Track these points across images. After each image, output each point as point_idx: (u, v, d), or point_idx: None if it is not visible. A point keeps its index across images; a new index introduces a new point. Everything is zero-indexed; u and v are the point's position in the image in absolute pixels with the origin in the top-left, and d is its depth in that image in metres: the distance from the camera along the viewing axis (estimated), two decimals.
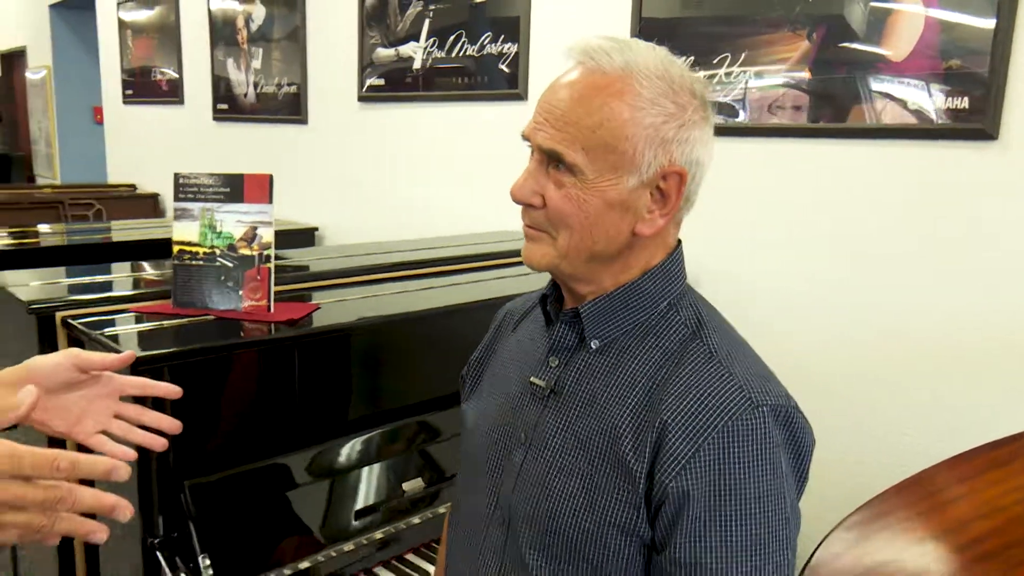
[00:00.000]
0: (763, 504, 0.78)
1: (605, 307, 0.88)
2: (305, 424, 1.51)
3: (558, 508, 0.85)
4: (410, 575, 1.47)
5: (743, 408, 0.79)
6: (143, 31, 4.85)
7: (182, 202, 1.51)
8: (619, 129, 0.81)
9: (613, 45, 0.83)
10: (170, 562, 1.28)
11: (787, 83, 1.98)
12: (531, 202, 0.86)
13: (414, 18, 2.95)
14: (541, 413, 0.90)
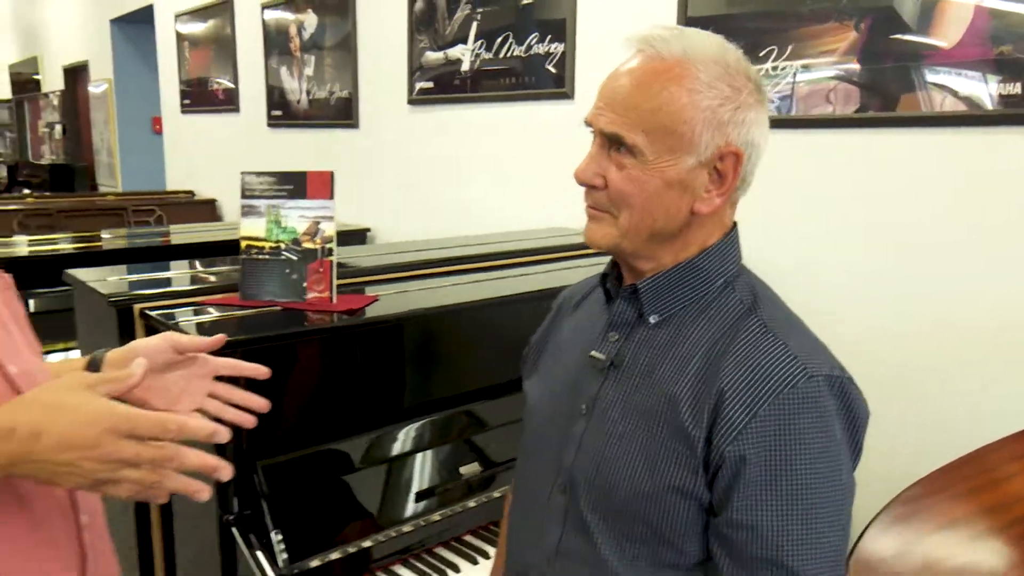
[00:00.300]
0: (818, 469, 0.81)
1: (664, 283, 0.92)
2: (366, 409, 1.57)
3: (618, 473, 0.89)
4: (469, 554, 1.52)
5: (798, 378, 0.82)
6: (200, 43, 5.02)
7: (248, 199, 1.59)
8: (678, 112, 0.85)
9: (671, 33, 0.87)
10: (244, 538, 1.36)
11: (835, 74, 1.99)
12: (593, 183, 0.90)
13: (462, 21, 3.02)
14: (601, 385, 0.94)
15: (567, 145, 2.68)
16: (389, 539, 1.50)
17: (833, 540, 0.83)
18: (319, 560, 1.40)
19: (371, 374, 1.58)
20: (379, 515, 1.51)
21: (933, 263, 1.85)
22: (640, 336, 0.94)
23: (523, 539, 1.02)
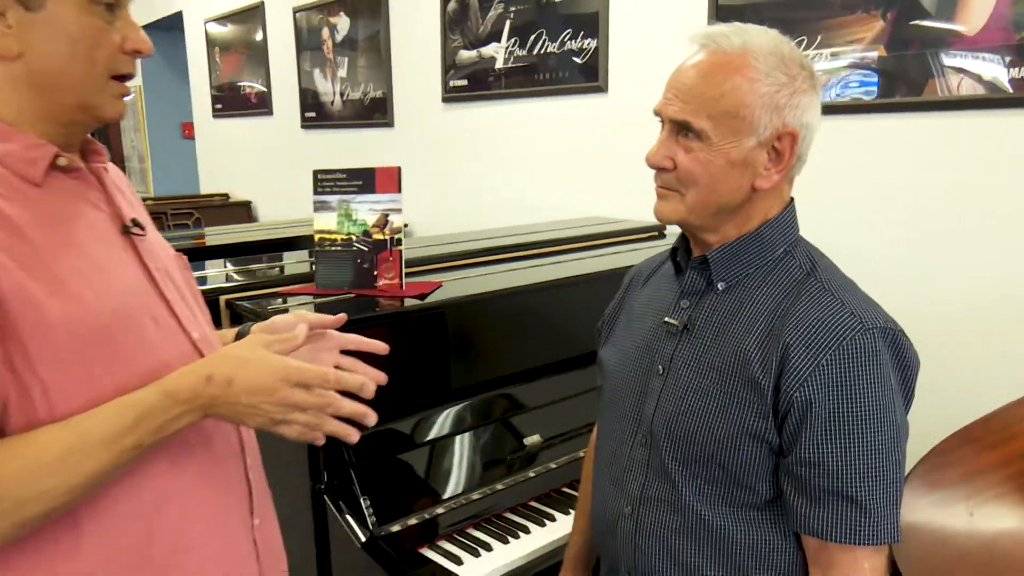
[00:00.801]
0: (875, 411, 0.92)
1: (730, 253, 1.03)
2: (436, 386, 1.70)
3: (696, 422, 1.01)
4: (536, 517, 1.63)
5: (856, 330, 0.93)
6: (230, 47, 5.16)
7: (320, 195, 1.71)
8: (739, 98, 0.95)
9: (731, 29, 0.98)
10: (335, 504, 1.48)
11: (862, 61, 2.08)
12: (663, 165, 1.01)
13: (495, 20, 3.13)
14: (676, 347, 1.06)
15: (602, 137, 2.81)
16: (460, 506, 1.62)
17: (890, 473, 0.94)
18: (399, 525, 1.52)
19: (442, 353, 1.71)
20: (450, 484, 1.63)
21: (958, 242, 1.95)
22: (709, 302, 1.05)
23: (609, 489, 1.14)
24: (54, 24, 0.83)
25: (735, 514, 1.02)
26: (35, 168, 0.85)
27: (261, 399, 0.84)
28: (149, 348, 0.88)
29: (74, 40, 0.84)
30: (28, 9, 0.81)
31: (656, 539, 1.06)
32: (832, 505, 0.94)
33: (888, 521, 0.94)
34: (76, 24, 0.84)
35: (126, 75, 0.89)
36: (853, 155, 2.13)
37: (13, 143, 0.84)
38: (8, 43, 0.82)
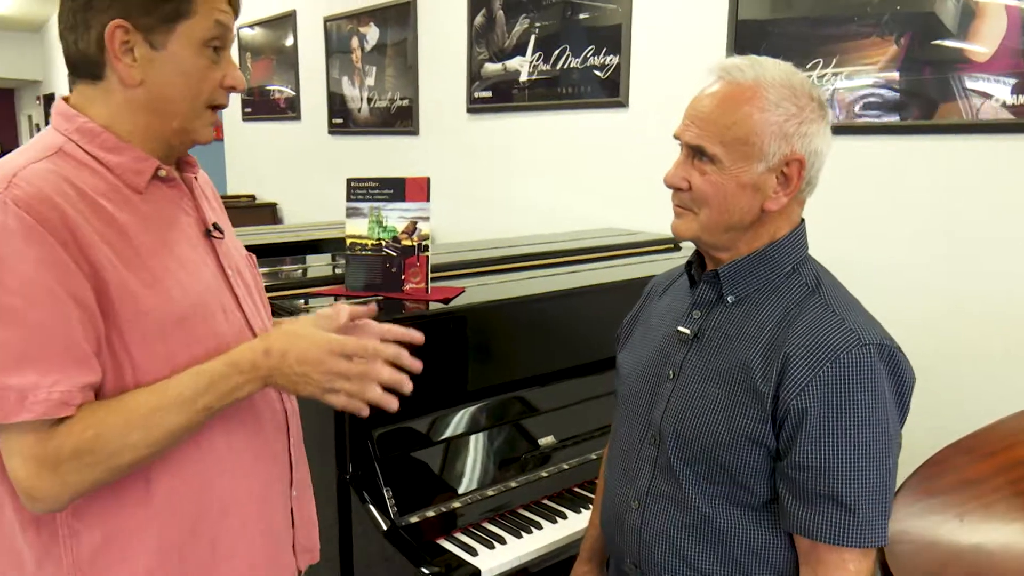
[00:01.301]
0: (867, 421, 0.99)
1: (740, 268, 1.11)
2: (457, 385, 1.78)
3: (701, 425, 1.09)
4: (548, 515, 1.71)
5: (852, 345, 1.00)
6: (261, 53, 5.29)
7: (353, 202, 1.80)
8: (750, 126, 1.03)
9: (746, 62, 1.06)
10: (359, 494, 1.57)
11: (876, 84, 2.15)
12: (680, 186, 1.09)
13: (520, 34, 3.22)
14: (686, 354, 1.14)
15: (622, 151, 2.90)
16: (475, 501, 1.70)
17: (879, 480, 1.00)
18: (418, 516, 1.61)
19: (459, 354, 1.79)
20: (467, 480, 1.72)
21: (974, 260, 2.01)
22: (719, 313, 1.13)
23: (619, 484, 1.22)
24: (172, 61, 0.98)
25: (734, 513, 1.09)
26: (140, 178, 1.01)
27: (311, 368, 0.98)
28: (219, 336, 1.02)
29: (187, 75, 0.99)
30: (153, 47, 0.97)
31: (660, 533, 1.14)
32: (822, 507, 1.01)
33: (875, 525, 1.00)
34: (190, 62, 0.99)
35: (221, 105, 1.05)
36: (873, 174, 2.20)
37: (124, 156, 1.00)
38: (133, 73, 0.97)
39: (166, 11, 0.97)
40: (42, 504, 0.91)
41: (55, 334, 0.89)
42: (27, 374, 0.87)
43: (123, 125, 1.00)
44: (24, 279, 0.87)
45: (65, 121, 1.01)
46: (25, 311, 0.87)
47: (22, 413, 0.87)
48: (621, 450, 1.23)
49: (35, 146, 0.99)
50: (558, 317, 1.98)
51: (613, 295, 2.06)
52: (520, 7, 3.20)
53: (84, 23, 0.97)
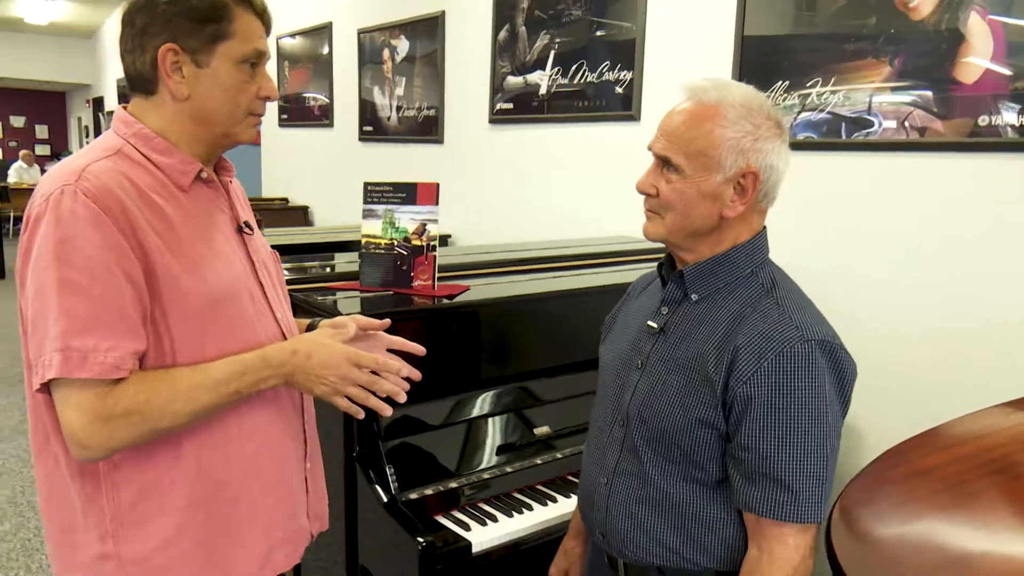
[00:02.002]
0: (806, 409, 1.10)
1: (702, 270, 1.22)
2: (459, 375, 1.92)
3: (661, 409, 1.21)
4: (541, 499, 1.84)
5: (796, 340, 1.11)
6: (299, 61, 5.51)
7: (369, 204, 1.95)
8: (710, 141, 1.15)
9: (712, 85, 1.18)
10: (364, 471, 1.71)
11: (871, 102, 2.25)
12: (649, 192, 1.21)
13: (541, 49, 3.37)
14: (653, 346, 1.26)
15: (633, 162, 3.01)
16: (471, 483, 1.83)
17: (818, 464, 1.11)
18: (417, 494, 1.75)
19: (463, 346, 1.93)
20: (464, 462, 1.85)
21: (968, 272, 2.10)
22: (684, 310, 1.25)
23: (591, 462, 1.35)
24: (215, 77, 1.15)
25: (689, 489, 1.21)
26: (185, 178, 1.17)
27: (329, 372, 1.16)
28: (246, 319, 1.19)
29: (227, 89, 1.16)
30: (198, 66, 1.14)
31: (624, 506, 1.26)
32: (765, 486, 1.12)
33: (811, 504, 1.11)
34: (229, 78, 1.16)
35: (259, 113, 1.21)
36: (869, 190, 2.30)
37: (173, 158, 1.16)
38: (182, 89, 1.14)
39: (208, 34, 1.13)
40: (89, 452, 1.05)
41: (113, 307, 1.03)
42: (89, 339, 1.02)
43: (173, 132, 1.16)
44: (89, 258, 1.02)
45: (125, 127, 1.17)
46: (89, 286, 1.02)
47: (84, 371, 1.01)
48: (595, 432, 1.36)
49: (99, 146, 1.15)
50: (556, 316, 2.10)
51: (610, 296, 2.18)
52: (541, 24, 3.35)
53: (140, 47, 1.13)
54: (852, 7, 2.27)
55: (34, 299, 1.03)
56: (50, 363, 1.01)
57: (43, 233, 1.03)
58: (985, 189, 2.05)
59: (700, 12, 2.72)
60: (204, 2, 1.13)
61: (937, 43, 2.09)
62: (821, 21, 2.34)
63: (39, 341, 1.03)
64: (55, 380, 1.02)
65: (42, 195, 1.06)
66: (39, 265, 1.03)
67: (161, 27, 1.12)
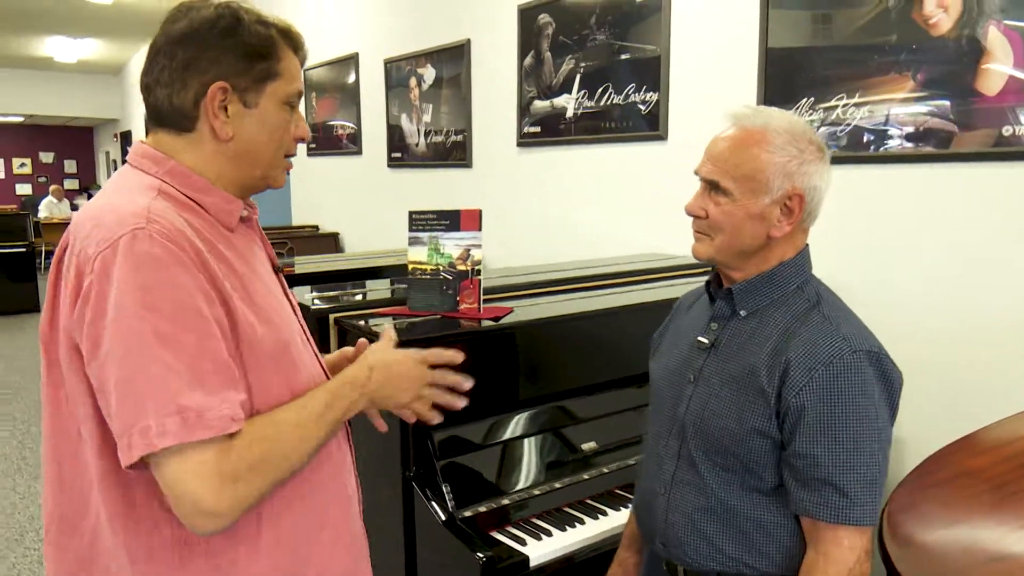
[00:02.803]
0: (857, 416, 1.16)
1: (750, 287, 1.29)
2: (506, 394, 1.99)
3: (716, 421, 1.27)
4: (591, 512, 1.90)
5: (845, 351, 1.18)
6: (326, 91, 5.64)
7: (414, 232, 2.03)
8: (758, 166, 1.22)
9: (755, 112, 1.25)
10: (421, 490, 1.78)
11: (895, 115, 2.31)
12: (698, 214, 1.28)
13: (567, 74, 3.45)
14: (705, 361, 1.32)
15: (662, 180, 3.10)
16: (523, 499, 1.89)
17: (870, 468, 1.17)
18: (471, 511, 1.81)
19: (510, 366, 2.00)
20: (516, 479, 1.91)
21: (983, 278, 2.15)
22: (733, 325, 1.31)
23: (649, 473, 1.41)
24: (261, 117, 1.09)
25: (747, 497, 1.26)
26: (231, 218, 1.11)
27: (407, 378, 1.17)
28: (301, 360, 1.13)
29: (272, 130, 1.10)
30: (246, 106, 1.08)
31: (683, 515, 1.32)
32: (820, 491, 1.17)
33: (866, 507, 1.16)
34: (275, 118, 1.10)
35: (292, 154, 1.17)
36: (893, 202, 2.35)
37: (214, 197, 1.09)
38: (227, 129, 1.07)
39: (259, 73, 1.07)
40: (219, 520, 0.94)
41: (212, 356, 0.95)
42: (197, 394, 0.92)
43: (209, 173, 1.08)
44: (178, 305, 0.94)
45: (155, 164, 1.07)
46: (183, 336, 0.93)
47: (204, 430, 0.92)
48: (651, 444, 1.42)
49: (133, 187, 1.04)
50: (600, 334, 2.17)
51: (651, 314, 2.24)
52: (566, 48, 3.44)
53: (182, 81, 1.05)
54: (874, 24, 2.33)
55: (122, 359, 0.92)
56: (163, 430, 0.90)
57: (118, 281, 0.92)
58: (1010, 197, 2.10)
59: (723, 31, 2.79)
60: (256, 38, 1.07)
61: (958, 56, 2.15)
62: (844, 37, 2.41)
63: (133, 407, 0.91)
64: (165, 449, 0.91)
65: (102, 241, 0.95)
66: (123, 319, 0.92)
67: (209, 63, 1.05)
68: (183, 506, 0.93)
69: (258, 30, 1.07)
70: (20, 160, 16.78)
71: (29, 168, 16.90)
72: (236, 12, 1.07)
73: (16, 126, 16.41)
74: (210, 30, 1.05)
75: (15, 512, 3.79)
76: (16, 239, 9.07)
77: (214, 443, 0.93)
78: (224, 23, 1.06)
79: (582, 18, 3.34)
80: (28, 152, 16.84)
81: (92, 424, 1.00)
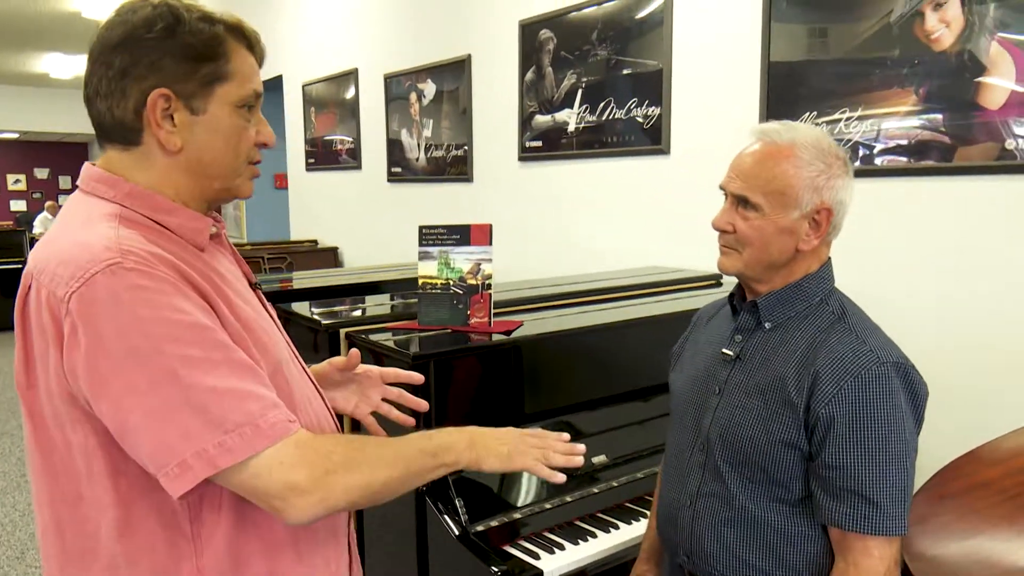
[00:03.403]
0: (885, 426, 1.16)
1: (776, 299, 1.30)
2: (519, 408, 1.99)
3: (743, 433, 1.27)
4: (603, 525, 1.89)
5: (873, 363, 1.18)
6: (325, 107, 5.66)
7: (424, 246, 2.04)
8: (787, 181, 1.23)
9: (783, 127, 1.26)
10: (435, 504, 1.78)
11: (897, 129, 2.33)
12: (726, 229, 1.29)
13: (568, 89, 3.48)
14: (730, 372, 1.33)
15: (664, 194, 3.12)
16: (535, 512, 1.89)
17: (899, 478, 1.17)
18: (483, 525, 1.81)
19: (523, 380, 2.00)
20: (528, 493, 1.91)
21: (978, 287, 2.16)
22: (758, 337, 1.32)
23: (672, 486, 1.41)
24: (212, 124, 1.00)
25: (774, 508, 1.26)
26: (200, 237, 1.03)
27: (504, 436, 1.15)
28: (293, 378, 1.08)
29: (227, 136, 1.01)
30: (193, 112, 0.99)
31: (709, 528, 1.32)
32: (849, 501, 1.17)
33: (895, 517, 1.17)
34: (228, 124, 1.01)
35: (257, 161, 1.08)
36: (894, 214, 2.37)
37: (179, 217, 1.01)
38: (175, 139, 0.98)
39: (205, 76, 0.98)
40: (314, 497, 0.92)
41: (241, 366, 0.92)
42: (246, 406, 0.90)
43: (167, 189, 1.00)
44: (192, 326, 0.89)
45: (110, 188, 0.99)
46: (209, 355, 0.89)
47: (263, 440, 0.90)
48: (674, 457, 1.42)
49: (92, 217, 0.96)
50: (609, 347, 2.18)
51: (658, 327, 2.26)
52: (568, 63, 3.46)
53: (121, 91, 0.96)
54: (876, 39, 2.36)
55: (148, 392, 0.87)
56: (224, 448, 0.88)
57: (111, 320, 0.86)
58: (1013, 209, 2.12)
59: (725, 45, 2.82)
60: (197, 38, 0.97)
61: (960, 71, 2.18)
62: (846, 52, 2.43)
63: (179, 435, 0.87)
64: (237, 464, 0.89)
65: (72, 279, 0.88)
66: (137, 357, 0.86)
67: (148, 68, 0.96)
68: (274, 493, 0.90)
69: (201, 28, 0.98)
70: (15, 176, 16.74)
71: (24, 184, 16.87)
72: (175, 10, 0.98)
73: (10, 142, 16.39)
74: (147, 32, 0.96)
75: (15, 530, 3.77)
76: (12, 255, 9.08)
77: (287, 442, 0.91)
78: (162, 23, 0.96)
79: (583, 33, 3.37)
80: (23, 168, 16.81)
81: (106, 480, 0.94)
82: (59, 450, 0.96)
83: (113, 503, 0.94)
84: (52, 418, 0.95)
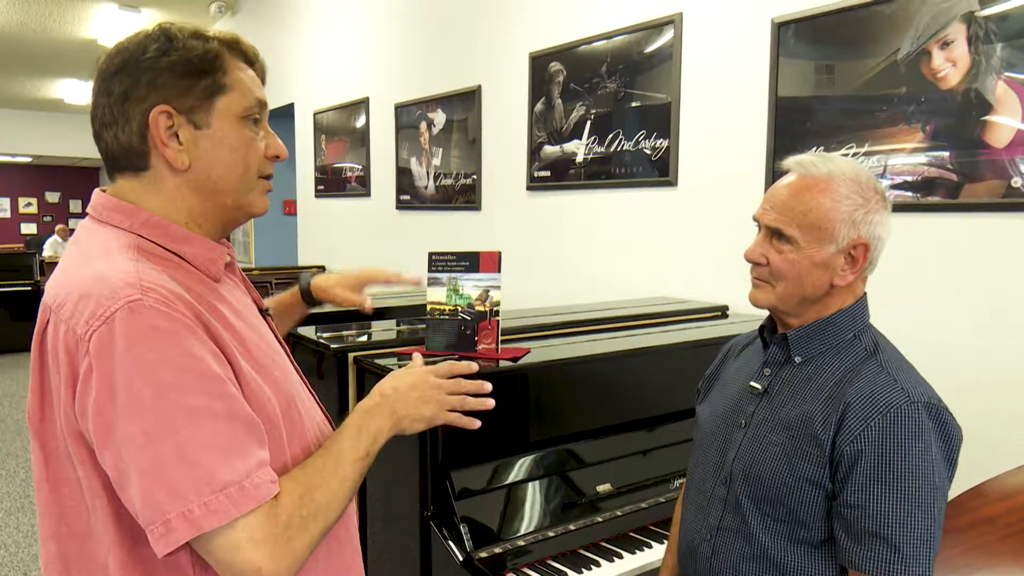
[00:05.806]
0: (913, 469, 1.11)
1: (807, 333, 1.27)
2: (525, 436, 1.99)
3: (767, 468, 1.25)
4: (606, 555, 1.89)
5: (903, 402, 1.14)
6: (335, 135, 5.73)
7: (433, 273, 2.06)
8: (824, 214, 1.20)
9: (819, 159, 1.24)
10: (439, 529, 1.78)
11: (904, 166, 2.35)
12: (759, 261, 1.27)
13: (577, 120, 3.52)
14: (757, 406, 1.31)
15: (671, 225, 3.14)
16: (538, 540, 1.89)
17: (924, 524, 1.10)
18: (486, 552, 1.80)
19: (529, 407, 2.01)
20: (531, 520, 1.91)
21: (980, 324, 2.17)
22: (787, 372, 1.29)
23: (692, 519, 1.39)
24: (217, 138, 0.99)
25: (794, 548, 1.23)
26: (215, 266, 1.02)
27: (421, 390, 1.13)
28: (306, 411, 1.08)
29: (234, 149, 1.00)
30: (197, 127, 0.98)
31: (728, 563, 1.29)
32: (871, 545, 1.13)
33: (918, 564, 1.10)
34: (234, 136, 1.00)
35: (269, 175, 1.07)
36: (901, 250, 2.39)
37: (195, 246, 1.00)
38: (182, 158, 0.98)
39: (204, 89, 0.98)
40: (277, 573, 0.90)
41: (240, 421, 0.90)
42: (235, 465, 0.88)
43: (179, 214, 1.00)
44: (200, 374, 0.88)
45: (125, 217, 0.98)
46: (210, 405, 0.88)
47: (248, 502, 0.88)
48: (696, 489, 1.41)
49: (111, 248, 0.95)
50: (615, 376, 2.18)
51: (665, 357, 2.27)
52: (577, 95, 3.51)
53: (124, 115, 0.97)
54: (883, 76, 2.39)
55: (144, 446, 0.85)
56: (209, 510, 0.85)
57: (124, 362, 0.85)
58: (1018, 247, 2.13)
59: (733, 79, 2.86)
60: (193, 53, 0.98)
61: (967, 109, 2.20)
62: (853, 88, 2.47)
63: (167, 493, 0.85)
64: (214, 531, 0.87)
65: (92, 317, 0.86)
66: (141, 401, 0.85)
67: (146, 88, 0.96)
68: (238, 571, 0.89)
69: (194, 44, 0.99)
70: (26, 200, 16.90)
71: (35, 208, 17.03)
72: (168, 31, 0.99)
73: (23, 166, 16.57)
74: (142, 55, 0.97)
75: (19, 551, 3.75)
76: (22, 278, 9.14)
77: (260, 508, 0.89)
78: (156, 44, 0.98)
79: (593, 66, 3.42)
80: (34, 192, 16.98)
81: (109, 520, 0.93)
82: (70, 484, 0.95)
83: (117, 543, 0.93)
84: (65, 453, 0.94)
